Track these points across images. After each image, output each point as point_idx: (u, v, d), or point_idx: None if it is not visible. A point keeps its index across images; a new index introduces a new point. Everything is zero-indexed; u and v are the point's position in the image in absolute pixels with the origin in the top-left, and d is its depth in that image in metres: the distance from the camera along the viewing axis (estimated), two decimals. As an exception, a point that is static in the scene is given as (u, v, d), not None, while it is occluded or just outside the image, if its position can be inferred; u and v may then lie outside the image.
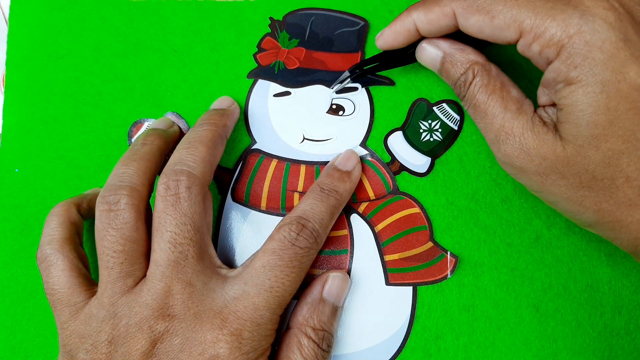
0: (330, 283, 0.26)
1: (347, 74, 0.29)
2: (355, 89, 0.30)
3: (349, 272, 0.28)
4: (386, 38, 0.27)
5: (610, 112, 0.21)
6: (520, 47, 0.23)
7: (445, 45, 0.26)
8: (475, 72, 0.24)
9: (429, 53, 0.26)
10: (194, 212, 0.24)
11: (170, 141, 0.28)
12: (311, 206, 0.26)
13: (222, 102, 0.29)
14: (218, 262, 0.26)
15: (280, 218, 0.29)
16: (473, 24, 0.23)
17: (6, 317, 0.29)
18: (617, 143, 0.21)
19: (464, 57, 0.25)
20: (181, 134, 0.30)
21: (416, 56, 0.27)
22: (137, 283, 0.24)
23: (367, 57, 0.30)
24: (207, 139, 0.26)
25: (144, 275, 0.24)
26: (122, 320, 0.23)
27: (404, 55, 0.28)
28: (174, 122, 0.29)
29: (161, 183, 0.24)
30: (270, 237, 0.25)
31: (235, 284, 0.24)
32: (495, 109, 0.24)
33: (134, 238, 0.24)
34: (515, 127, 0.23)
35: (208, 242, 0.25)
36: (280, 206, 0.29)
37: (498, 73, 0.25)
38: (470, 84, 0.25)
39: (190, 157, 0.25)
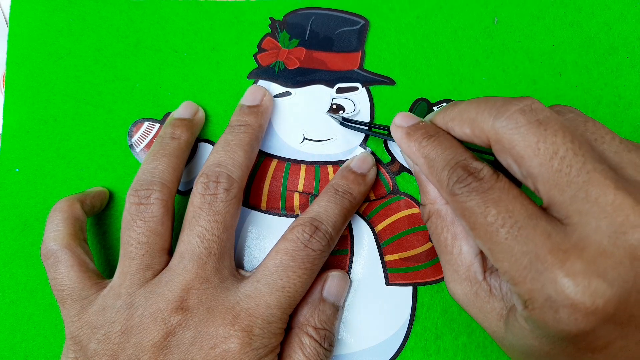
0: (329, 282, 0.27)
1: (338, 119, 0.28)
2: (356, 88, 0.30)
3: (349, 273, 0.28)
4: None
5: None
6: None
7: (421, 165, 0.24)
8: (430, 213, 0.24)
9: (408, 160, 0.26)
10: (226, 213, 0.25)
11: (196, 131, 0.29)
12: (325, 208, 0.26)
13: (254, 95, 0.29)
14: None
15: (280, 218, 0.29)
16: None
17: (6, 317, 0.29)
18: None
19: (424, 197, 0.25)
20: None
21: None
22: (155, 276, 0.25)
23: (366, 56, 0.30)
24: (244, 142, 0.27)
25: (162, 269, 0.25)
26: (138, 310, 0.23)
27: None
28: (198, 108, 0.29)
29: (200, 182, 0.25)
30: (284, 237, 0.25)
31: (248, 283, 0.24)
32: (443, 258, 0.24)
33: (159, 231, 0.25)
34: (459, 292, 0.23)
35: (232, 244, 0.26)
36: (280, 206, 0.29)
37: (453, 221, 0.23)
38: (426, 221, 0.24)
39: (230, 161, 0.26)
